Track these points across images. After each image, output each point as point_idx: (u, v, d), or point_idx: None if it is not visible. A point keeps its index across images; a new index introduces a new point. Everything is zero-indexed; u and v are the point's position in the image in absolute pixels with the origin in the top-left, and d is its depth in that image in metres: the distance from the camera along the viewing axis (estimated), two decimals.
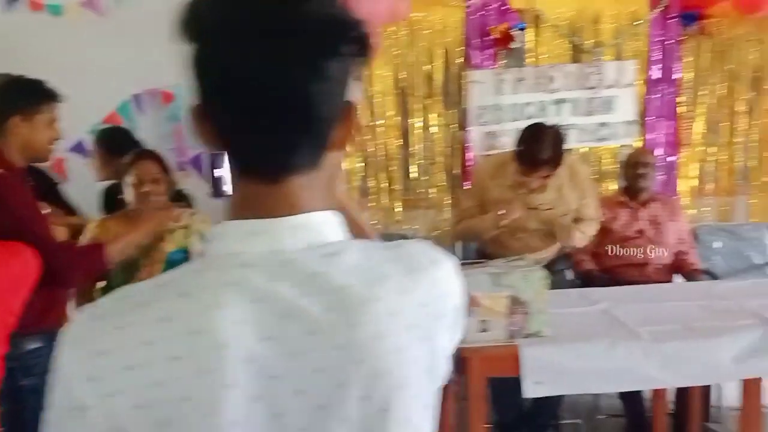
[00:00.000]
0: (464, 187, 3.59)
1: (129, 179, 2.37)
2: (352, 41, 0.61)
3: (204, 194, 3.07)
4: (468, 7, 3.54)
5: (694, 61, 3.67)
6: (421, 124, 3.70)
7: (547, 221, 2.70)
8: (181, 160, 3.60)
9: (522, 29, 3.56)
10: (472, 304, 1.97)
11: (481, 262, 2.09)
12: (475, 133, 3.67)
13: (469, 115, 3.66)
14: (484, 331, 1.99)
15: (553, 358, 1.93)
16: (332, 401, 0.60)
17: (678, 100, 3.69)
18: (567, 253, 2.93)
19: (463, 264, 2.02)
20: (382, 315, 0.61)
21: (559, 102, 3.65)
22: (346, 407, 0.60)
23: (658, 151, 3.70)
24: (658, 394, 2.64)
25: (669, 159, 3.74)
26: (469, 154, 3.71)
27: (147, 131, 3.49)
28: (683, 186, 3.77)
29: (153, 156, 2.49)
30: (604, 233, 3.16)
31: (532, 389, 1.93)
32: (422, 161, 3.72)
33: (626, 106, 3.66)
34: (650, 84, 3.66)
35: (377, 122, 3.67)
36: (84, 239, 2.41)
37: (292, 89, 0.59)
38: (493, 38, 3.55)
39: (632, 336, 2.00)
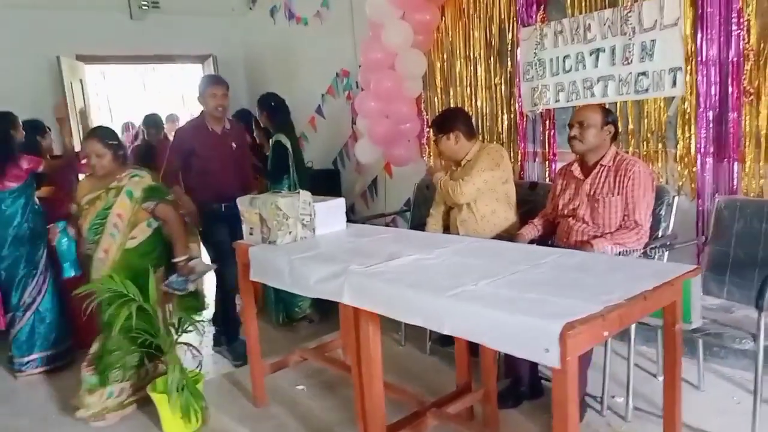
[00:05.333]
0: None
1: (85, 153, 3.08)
2: None
3: None
4: None
5: None
6: (483, 83, 4.03)
7: None
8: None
9: None
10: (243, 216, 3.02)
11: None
12: (523, 89, 3.79)
13: (518, 72, 3.80)
14: (251, 234, 2.99)
15: (263, 258, 2.78)
16: None
17: (741, 36, 2.83)
18: None
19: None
20: None
21: (595, 52, 3.37)
22: None
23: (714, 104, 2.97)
24: None
25: (730, 115, 2.92)
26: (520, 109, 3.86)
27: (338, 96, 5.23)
28: (750, 147, 2.88)
29: (96, 135, 3.02)
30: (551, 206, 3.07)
31: (251, 275, 2.85)
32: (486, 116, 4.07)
33: (670, 50, 3.06)
34: (702, 21, 2.94)
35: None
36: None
37: None
38: None
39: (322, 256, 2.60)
